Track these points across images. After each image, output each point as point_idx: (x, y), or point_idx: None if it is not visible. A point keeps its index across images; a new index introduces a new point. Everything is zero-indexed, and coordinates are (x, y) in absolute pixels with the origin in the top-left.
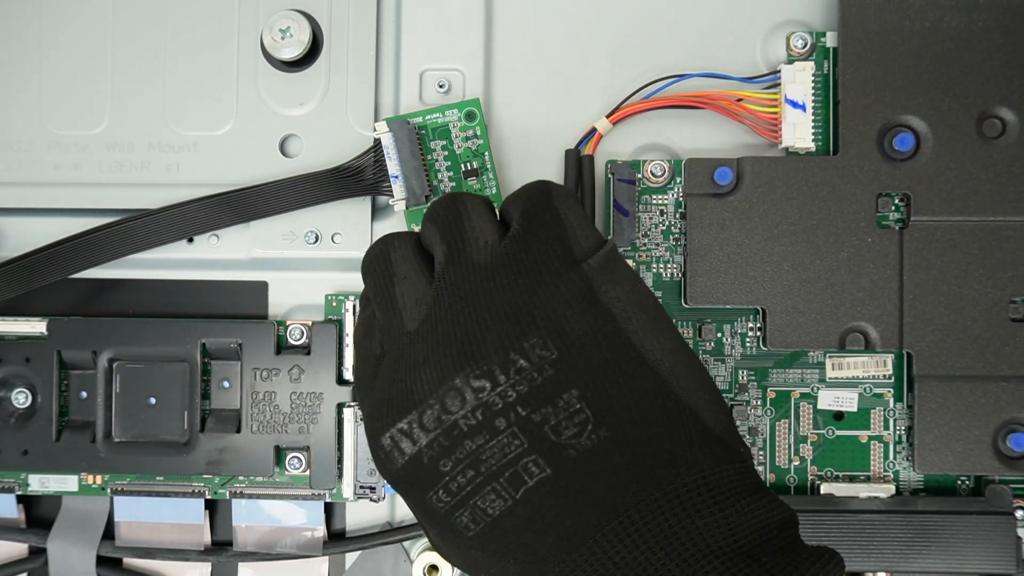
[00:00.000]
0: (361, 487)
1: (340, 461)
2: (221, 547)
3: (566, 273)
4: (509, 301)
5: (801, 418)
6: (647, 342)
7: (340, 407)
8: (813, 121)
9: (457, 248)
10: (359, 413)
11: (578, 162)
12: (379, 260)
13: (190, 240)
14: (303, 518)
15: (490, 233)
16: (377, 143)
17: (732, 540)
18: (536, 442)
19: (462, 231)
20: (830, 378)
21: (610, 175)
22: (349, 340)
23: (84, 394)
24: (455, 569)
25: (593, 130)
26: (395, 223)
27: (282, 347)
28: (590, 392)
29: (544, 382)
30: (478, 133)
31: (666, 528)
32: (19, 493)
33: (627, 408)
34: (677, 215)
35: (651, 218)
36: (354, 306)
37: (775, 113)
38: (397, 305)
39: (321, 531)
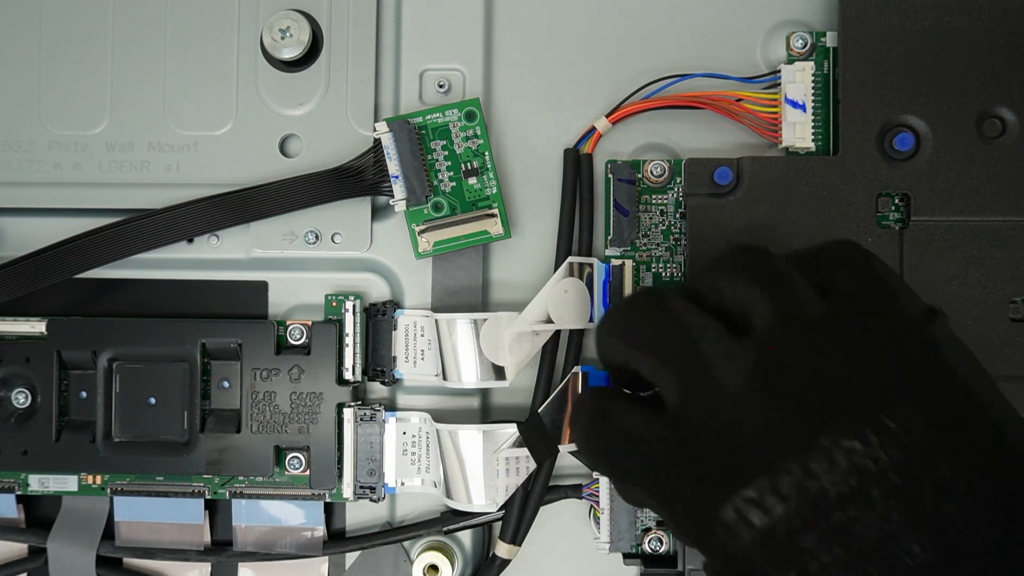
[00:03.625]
0: (361, 487)
1: (340, 461)
2: (221, 547)
3: (912, 336)
4: (862, 359)
5: None
6: (1003, 419)
7: (340, 407)
8: (813, 121)
9: (788, 304)
10: (359, 413)
11: (576, 161)
12: (655, 319)
13: (190, 240)
14: (303, 518)
15: (813, 291)
16: (377, 143)
17: None
18: (916, 519)
19: (791, 287)
20: None
21: (610, 175)
22: (349, 340)
23: (84, 394)
24: (455, 568)
25: (592, 129)
26: (395, 223)
27: (282, 347)
28: (963, 469)
29: (915, 449)
30: (478, 133)
31: None
32: (19, 493)
33: (1003, 492)
34: (677, 215)
35: (651, 218)
36: (354, 306)
37: (775, 113)
38: (706, 361)
39: (321, 531)
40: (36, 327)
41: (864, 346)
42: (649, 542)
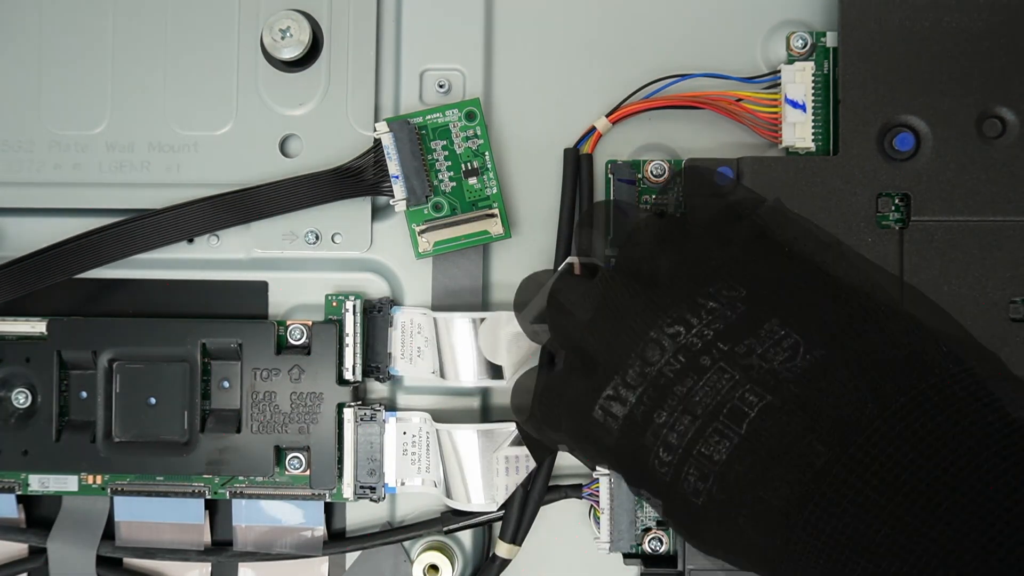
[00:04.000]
0: (361, 487)
1: (340, 461)
2: (221, 547)
3: (735, 225)
4: (683, 260)
5: None
6: (837, 267)
7: (340, 407)
8: (813, 121)
9: (623, 238)
10: (360, 413)
11: (576, 161)
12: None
13: (190, 240)
14: (303, 518)
15: (645, 226)
16: (377, 143)
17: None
18: (746, 372)
19: (627, 226)
20: None
21: (610, 175)
22: (349, 340)
23: (84, 394)
24: (455, 568)
25: (593, 129)
26: (395, 223)
27: (282, 347)
28: (793, 318)
29: (739, 317)
30: (478, 133)
31: (929, 427)
32: (19, 493)
33: (839, 325)
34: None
35: None
36: (354, 306)
37: (775, 113)
38: (565, 308)
39: (321, 531)
40: (36, 327)
41: (687, 251)
42: (649, 542)
